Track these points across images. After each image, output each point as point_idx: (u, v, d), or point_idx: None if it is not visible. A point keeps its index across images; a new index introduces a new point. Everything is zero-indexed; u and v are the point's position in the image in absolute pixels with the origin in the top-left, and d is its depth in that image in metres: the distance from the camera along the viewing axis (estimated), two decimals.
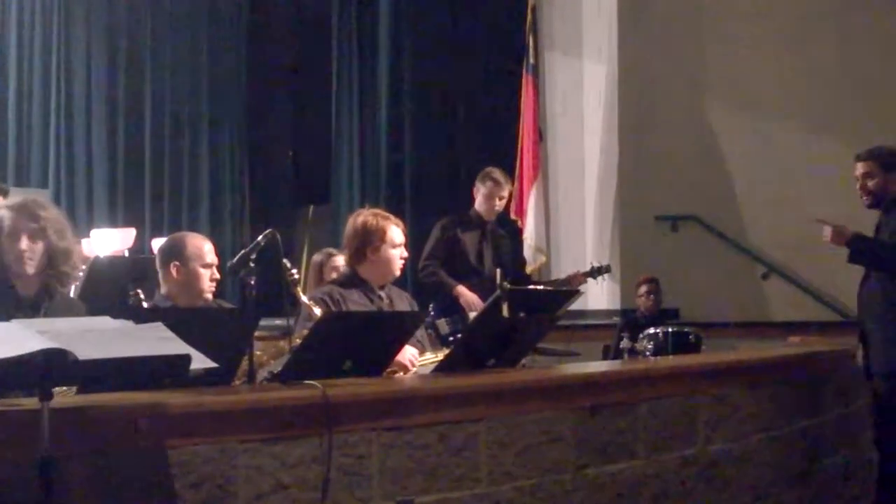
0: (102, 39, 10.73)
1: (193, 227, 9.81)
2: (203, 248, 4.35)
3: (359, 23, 11.03)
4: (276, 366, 3.83)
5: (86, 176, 10.56)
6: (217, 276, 4.33)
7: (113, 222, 10.01)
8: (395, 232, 4.61)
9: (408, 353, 4.18)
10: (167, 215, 10.83)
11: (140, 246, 8.67)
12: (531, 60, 9.56)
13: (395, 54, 10.77)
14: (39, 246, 3.72)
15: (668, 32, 9.77)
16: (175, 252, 4.34)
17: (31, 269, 3.72)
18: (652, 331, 6.99)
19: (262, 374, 3.86)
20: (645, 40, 9.77)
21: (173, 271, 4.30)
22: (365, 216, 4.67)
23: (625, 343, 6.98)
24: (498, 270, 5.64)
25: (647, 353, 6.79)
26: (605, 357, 7.68)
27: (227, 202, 11.18)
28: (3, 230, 3.71)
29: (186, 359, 2.53)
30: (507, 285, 4.07)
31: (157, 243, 7.75)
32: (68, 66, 10.55)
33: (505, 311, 3.89)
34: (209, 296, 4.31)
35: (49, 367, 2.34)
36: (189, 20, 11.18)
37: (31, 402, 2.54)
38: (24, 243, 3.70)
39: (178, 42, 11.11)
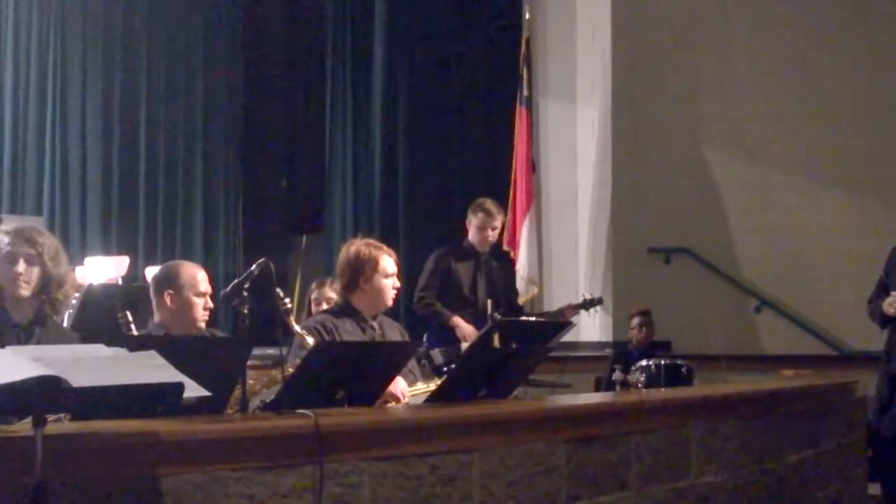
0: (98, 69, 10.77)
1: (187, 256, 9.80)
2: (197, 276, 4.36)
3: (353, 54, 11.09)
4: (269, 395, 3.83)
5: (80, 204, 10.58)
6: (211, 304, 4.34)
7: (106, 250, 10.01)
8: (388, 262, 4.62)
9: (399, 385, 4.19)
10: (161, 244, 10.83)
11: (134, 274, 8.67)
12: (525, 93, 9.60)
13: (389, 84, 10.81)
14: (35, 271, 3.74)
15: (662, 66, 9.84)
16: (169, 280, 4.35)
17: (26, 292, 3.73)
18: (644, 363, 6.99)
19: (254, 402, 3.86)
20: (639, 73, 9.84)
21: (167, 300, 4.31)
22: (357, 246, 4.69)
23: (617, 375, 6.97)
24: (489, 301, 5.66)
25: (640, 385, 6.79)
26: (597, 389, 7.69)
27: (221, 231, 11.19)
28: None
29: (180, 387, 2.53)
30: (498, 316, 4.08)
31: (151, 271, 7.76)
32: (63, 94, 10.58)
33: (496, 342, 3.90)
34: (203, 324, 4.32)
35: (43, 394, 2.34)
36: (184, 50, 11.23)
37: (24, 429, 2.54)
38: (21, 266, 3.72)
39: (173, 71, 11.15)
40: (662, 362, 7.00)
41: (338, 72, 11.21)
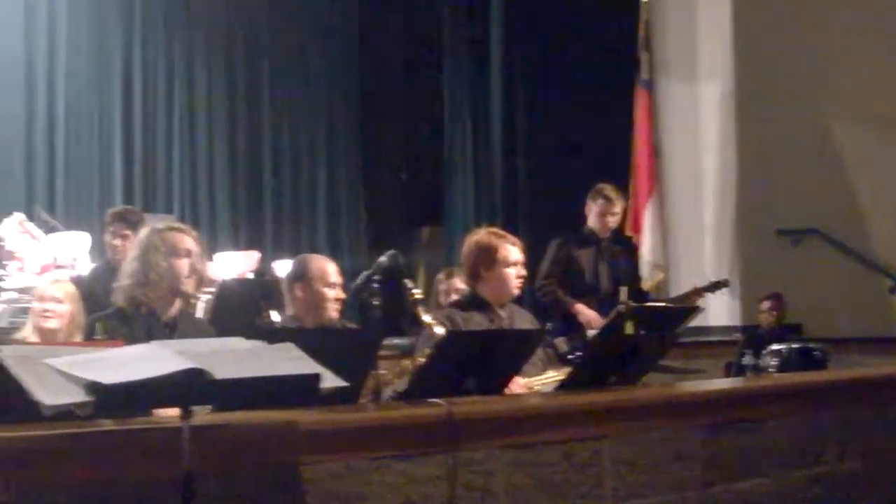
0: (222, 70, 11.04)
1: (312, 250, 9.97)
2: (326, 268, 4.43)
3: (470, 43, 11.10)
4: (400, 385, 3.87)
5: (208, 201, 10.86)
6: (341, 295, 4.40)
7: (235, 246, 10.25)
8: (510, 251, 4.59)
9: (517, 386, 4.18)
10: (287, 239, 11.04)
11: (263, 269, 8.85)
12: (645, 76, 9.49)
13: (507, 72, 10.80)
14: (197, 267, 3.85)
15: (785, 45, 9.62)
16: (299, 274, 4.44)
17: (190, 287, 3.84)
18: (776, 347, 6.86)
19: (386, 392, 3.92)
20: (762, 50, 9.64)
21: (299, 292, 4.39)
22: (480, 235, 4.69)
23: (748, 360, 6.87)
24: (622, 288, 5.62)
25: (772, 370, 6.67)
26: (727, 374, 7.57)
27: (344, 225, 11.36)
28: (159, 247, 3.82)
29: (317, 378, 2.58)
30: (629, 302, 4.05)
31: (279, 266, 7.93)
32: (190, 96, 10.87)
33: (629, 329, 3.88)
34: (334, 315, 4.37)
35: (188, 387, 2.41)
36: (304, 47, 11.42)
37: (172, 420, 2.62)
38: (187, 262, 3.83)
39: (294, 69, 11.36)
40: (795, 346, 6.86)
41: (455, 62, 11.25)
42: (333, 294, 4.37)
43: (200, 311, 5.75)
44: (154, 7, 10.80)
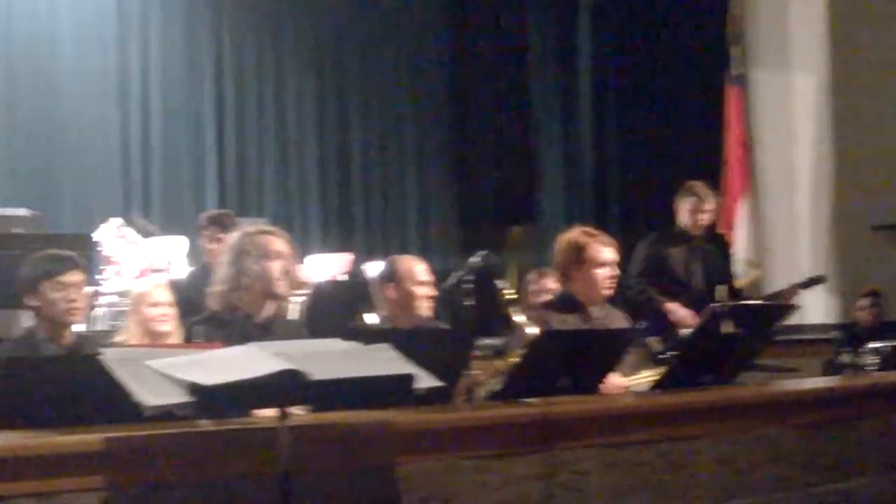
0: (312, 76, 11.16)
1: (403, 251, 10.02)
2: (415, 267, 4.43)
3: (559, 40, 11.05)
4: (494, 385, 3.88)
5: (300, 204, 10.99)
6: (433, 293, 4.39)
7: (326, 248, 10.34)
8: (601, 250, 4.54)
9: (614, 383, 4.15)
10: (378, 240, 11.12)
11: (354, 271, 8.92)
12: (735, 71, 9.36)
13: (596, 69, 10.73)
14: (290, 270, 3.89)
15: (881, 35, 9.40)
16: (390, 274, 4.45)
17: (284, 289, 3.88)
18: (875, 345, 6.70)
19: (479, 393, 3.92)
20: (858, 40, 9.43)
21: (390, 293, 4.40)
22: (572, 234, 4.65)
23: (845, 358, 6.73)
24: (718, 287, 5.52)
25: (871, 368, 6.52)
26: (825, 372, 7.43)
27: (435, 225, 11.40)
28: (250, 251, 3.87)
29: (412, 378, 2.60)
30: (724, 301, 4.00)
31: (370, 267, 7.97)
32: (281, 100, 11.01)
33: (725, 327, 3.83)
34: (427, 313, 4.37)
35: (285, 388, 2.44)
36: (392, 48, 11.48)
37: (269, 421, 2.66)
38: (281, 265, 3.87)
39: (383, 69, 11.43)
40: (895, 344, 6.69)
41: (544, 59, 11.20)
42: (424, 292, 4.37)
43: (293, 314, 5.81)
44: (244, 14, 10.96)
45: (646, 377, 4.30)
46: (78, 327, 4.24)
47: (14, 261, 4.10)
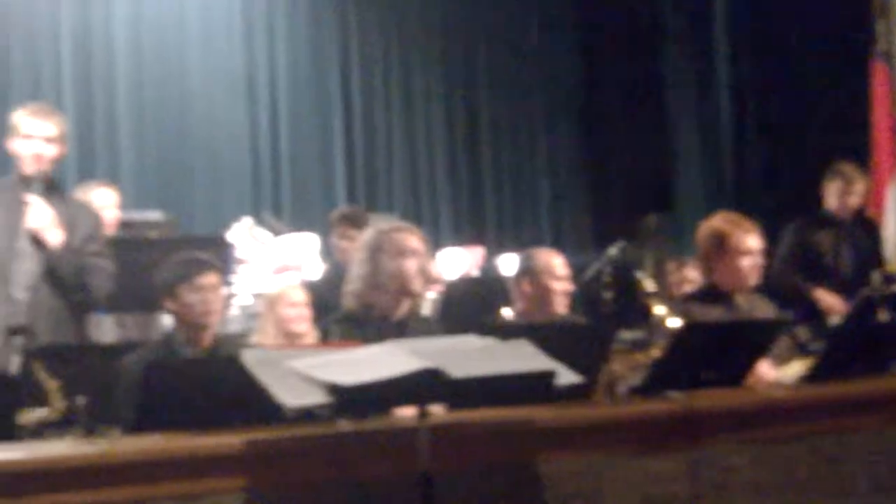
0: (440, 70, 11.19)
1: (535, 243, 9.95)
2: (552, 262, 4.39)
3: (693, 22, 10.83)
4: (635, 379, 3.80)
5: (430, 198, 11.04)
6: (569, 288, 4.34)
7: (457, 242, 10.35)
8: (744, 238, 4.41)
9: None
10: (510, 233, 11.09)
11: (486, 265, 8.91)
12: (882, 47, 9.01)
13: (733, 48, 10.47)
14: (420, 266, 3.88)
15: None
16: (525, 269, 4.41)
17: (418, 287, 3.88)
18: None
19: (620, 387, 3.85)
20: None
21: (526, 288, 4.37)
22: (713, 222, 4.54)
23: None
24: (873, 273, 5.34)
25: None
26: None
27: (568, 216, 11.33)
28: (386, 248, 3.87)
29: (553, 374, 2.55)
30: (878, 287, 3.84)
31: (503, 261, 7.95)
32: (408, 95, 11.08)
33: (880, 315, 3.67)
34: (562, 309, 4.33)
35: (425, 386, 2.42)
36: (520, 40, 11.44)
37: (409, 420, 2.65)
38: (416, 263, 3.86)
39: (512, 60, 11.39)
40: None
41: (678, 42, 10.99)
42: (561, 287, 4.32)
43: (426, 309, 5.81)
44: (370, 12, 11.05)
45: (794, 368, 4.17)
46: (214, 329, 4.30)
47: (151, 265, 4.17)
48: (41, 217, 4.12)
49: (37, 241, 4.13)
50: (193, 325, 3.84)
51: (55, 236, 4.13)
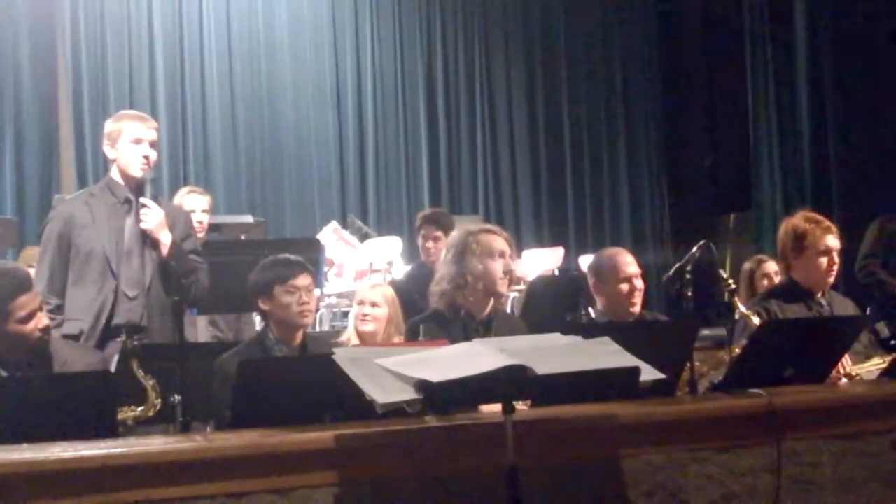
0: (522, 74, 11.26)
1: (615, 243, 9.97)
2: (619, 261, 4.37)
3: (772, 21, 10.72)
4: (716, 376, 3.82)
5: (512, 199, 11.11)
6: (639, 287, 4.33)
7: (539, 243, 10.40)
8: (823, 237, 4.41)
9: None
10: (590, 233, 11.11)
11: (567, 264, 8.95)
12: None
13: (812, 50, 10.35)
14: (506, 267, 3.95)
15: None
16: (595, 269, 4.42)
17: (504, 288, 3.94)
18: None
19: (702, 384, 3.87)
20: None
21: (599, 287, 4.38)
22: (793, 220, 4.55)
23: None
24: None
25: None
26: None
27: (648, 216, 11.31)
28: (474, 249, 3.93)
29: (636, 371, 2.60)
30: None
31: (584, 261, 7.99)
32: (491, 99, 11.16)
33: None
34: (636, 308, 4.32)
35: (510, 382, 2.48)
36: (601, 40, 11.46)
37: (495, 416, 2.71)
38: (504, 264, 3.93)
39: (592, 62, 11.41)
40: None
41: (758, 40, 10.89)
42: (630, 286, 4.31)
43: (507, 307, 5.87)
44: (453, 15, 11.15)
45: (875, 364, 4.16)
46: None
47: (244, 267, 4.26)
48: (154, 218, 4.25)
49: (148, 242, 4.26)
50: (288, 325, 3.91)
51: (166, 236, 4.27)
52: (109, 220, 4.30)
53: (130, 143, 4.34)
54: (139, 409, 3.48)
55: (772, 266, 5.79)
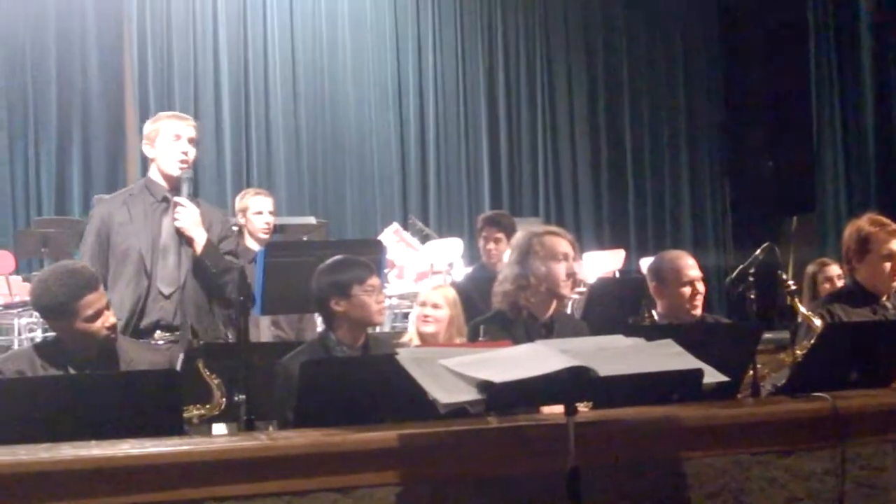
0: (583, 76, 11.25)
1: (676, 245, 9.91)
2: (678, 264, 4.33)
3: (836, 23, 10.60)
4: (779, 378, 3.80)
5: (572, 201, 11.10)
6: (700, 289, 4.29)
7: (599, 245, 10.38)
8: (887, 241, 4.35)
9: None
10: (651, 236, 11.06)
11: (628, 267, 8.93)
12: None
13: (878, 52, 10.22)
14: (569, 269, 3.95)
15: None
16: (655, 273, 4.39)
17: (567, 290, 3.95)
18: None
19: (765, 387, 3.85)
20: None
21: (658, 290, 4.35)
22: (859, 223, 4.50)
23: None
24: None
25: None
26: None
27: (709, 219, 11.24)
28: (538, 251, 3.94)
29: (699, 373, 2.59)
30: None
31: (645, 263, 7.96)
32: (552, 101, 11.17)
33: None
34: (697, 311, 4.29)
35: (573, 384, 2.49)
36: (663, 42, 11.41)
37: (557, 417, 2.72)
38: (565, 265, 3.94)
39: (654, 64, 11.37)
40: None
41: (822, 40, 10.78)
42: (689, 291, 4.28)
43: (567, 310, 5.87)
44: (514, 18, 11.18)
45: None
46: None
47: (308, 268, 4.26)
48: (189, 217, 4.29)
49: (182, 240, 4.30)
50: (362, 324, 3.86)
51: (200, 235, 4.31)
52: (146, 218, 4.34)
53: (169, 139, 4.36)
54: (205, 407, 3.52)
55: (835, 269, 5.73)
